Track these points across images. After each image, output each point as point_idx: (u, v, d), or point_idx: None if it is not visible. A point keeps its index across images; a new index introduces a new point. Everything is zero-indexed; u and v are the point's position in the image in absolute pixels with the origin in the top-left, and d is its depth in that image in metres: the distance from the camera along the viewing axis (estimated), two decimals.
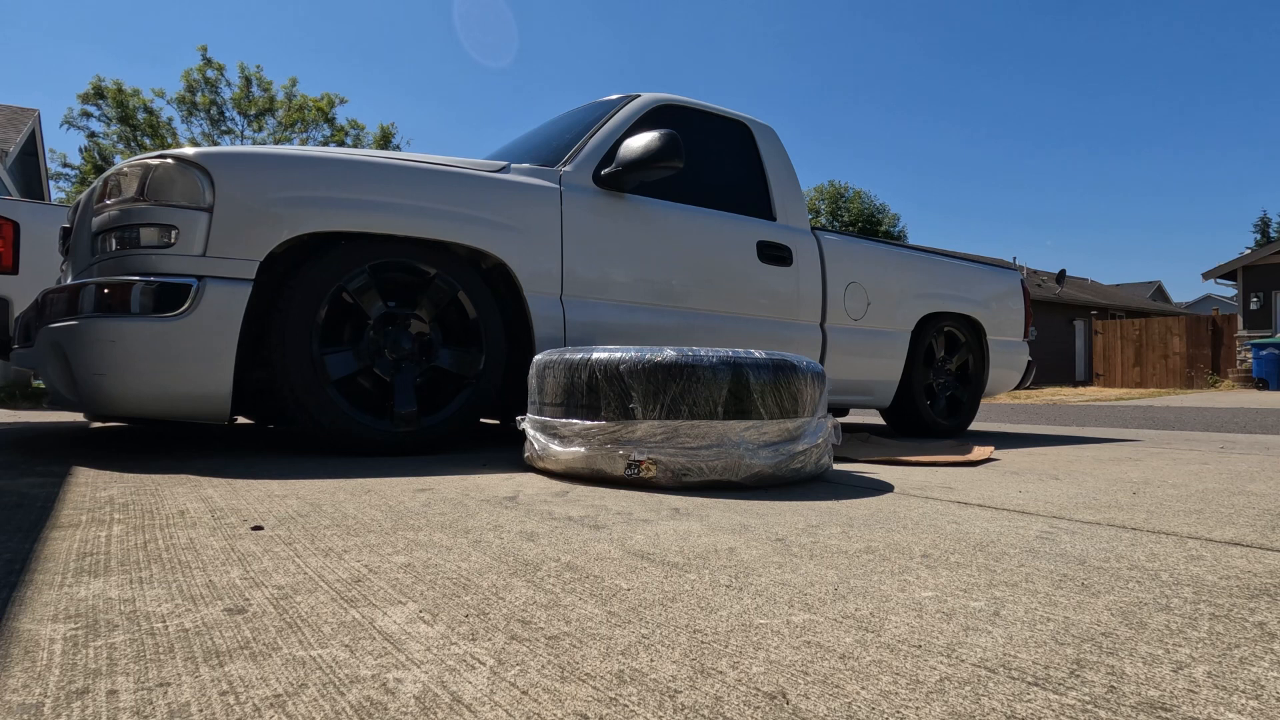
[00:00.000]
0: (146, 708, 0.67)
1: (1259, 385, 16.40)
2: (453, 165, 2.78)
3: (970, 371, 4.49)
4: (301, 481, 1.94)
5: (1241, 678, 0.77)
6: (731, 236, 3.37)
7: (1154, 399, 12.51)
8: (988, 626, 0.91)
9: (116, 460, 2.33)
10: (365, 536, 1.34)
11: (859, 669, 0.78)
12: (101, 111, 21.26)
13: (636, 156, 2.87)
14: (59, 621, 0.88)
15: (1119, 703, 0.71)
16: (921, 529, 1.49)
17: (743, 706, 0.69)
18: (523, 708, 0.69)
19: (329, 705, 0.68)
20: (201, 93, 22.27)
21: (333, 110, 23.28)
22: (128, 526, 1.38)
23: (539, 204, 2.86)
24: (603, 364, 2.04)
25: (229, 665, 0.76)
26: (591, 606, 0.97)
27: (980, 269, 4.71)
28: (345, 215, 2.46)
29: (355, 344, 2.54)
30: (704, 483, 1.95)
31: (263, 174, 2.38)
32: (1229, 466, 2.69)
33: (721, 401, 1.99)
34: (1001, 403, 11.03)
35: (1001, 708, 0.69)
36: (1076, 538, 1.42)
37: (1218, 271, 20.33)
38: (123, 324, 2.18)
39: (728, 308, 3.33)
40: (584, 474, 2.05)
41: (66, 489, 1.78)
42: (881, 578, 1.13)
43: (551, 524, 1.48)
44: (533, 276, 2.81)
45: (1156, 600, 1.03)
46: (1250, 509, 1.77)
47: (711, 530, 1.45)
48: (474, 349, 2.69)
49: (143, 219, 2.27)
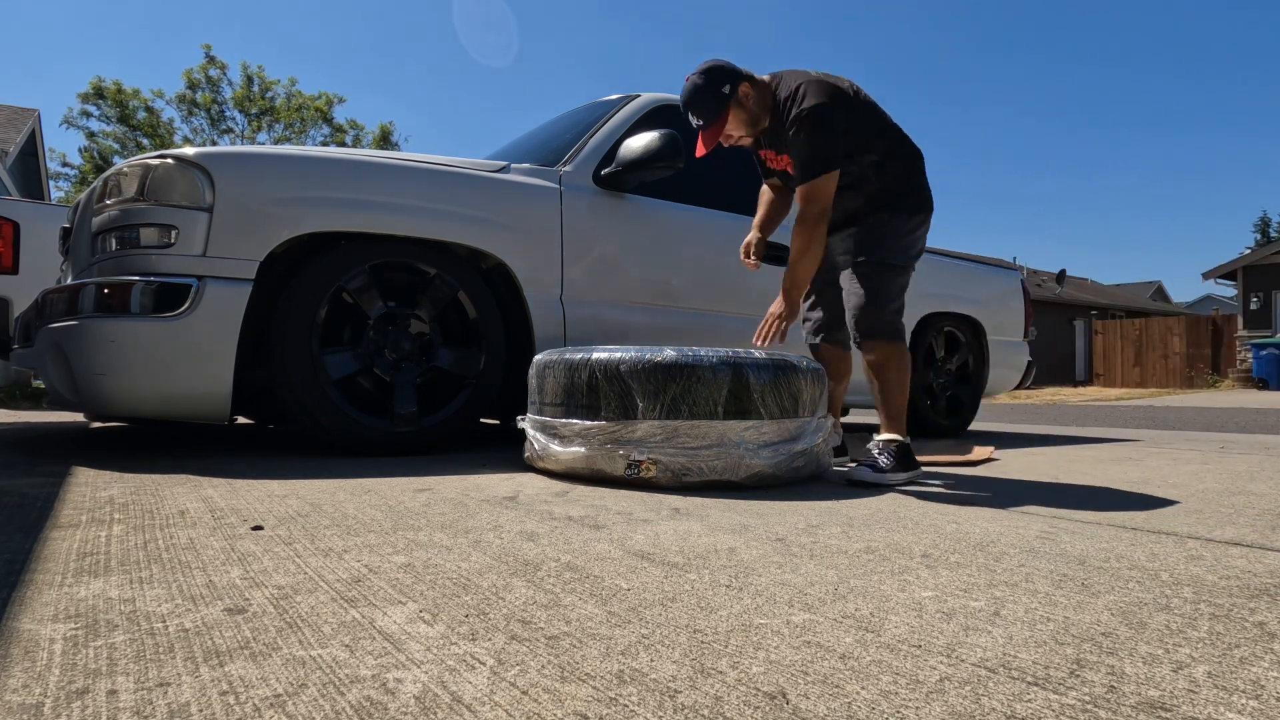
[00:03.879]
0: (146, 708, 0.67)
1: (1259, 385, 16.40)
2: (453, 165, 2.78)
3: (970, 371, 4.49)
4: (301, 481, 1.94)
5: (1241, 678, 0.77)
6: (731, 236, 3.36)
7: (1154, 399, 12.52)
8: (988, 626, 0.91)
9: (116, 460, 2.33)
10: (365, 536, 1.34)
11: (859, 669, 0.78)
12: (101, 111, 21.26)
13: (636, 156, 2.87)
14: (59, 621, 0.88)
15: (1119, 703, 0.71)
16: (921, 529, 1.49)
17: (743, 706, 0.69)
18: (523, 708, 0.69)
19: (329, 705, 0.68)
20: (203, 91, 22.25)
21: (331, 110, 23.26)
22: (128, 526, 1.38)
23: (539, 204, 2.86)
24: (603, 364, 2.04)
25: (229, 665, 0.76)
26: (591, 606, 0.97)
27: (980, 269, 4.71)
28: (345, 215, 2.46)
29: (355, 344, 2.54)
30: (704, 483, 1.95)
31: (263, 174, 2.38)
32: (1229, 466, 2.69)
33: (721, 401, 1.99)
34: (1001, 403, 11.03)
35: (1001, 708, 0.69)
36: (1076, 538, 1.42)
37: (1218, 271, 20.32)
38: (123, 324, 2.18)
39: (728, 308, 3.33)
40: (584, 474, 2.05)
41: (66, 489, 1.78)
42: (881, 578, 1.13)
43: (551, 524, 1.48)
44: (533, 276, 2.80)
45: (1156, 600, 1.03)
46: (1250, 509, 1.77)
47: (711, 530, 1.45)
48: (474, 349, 2.69)
49: (143, 219, 2.26)
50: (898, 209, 2.27)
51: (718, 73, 2.23)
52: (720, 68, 2.24)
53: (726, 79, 2.22)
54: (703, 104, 2.24)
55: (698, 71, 2.25)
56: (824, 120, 2.13)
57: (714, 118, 2.24)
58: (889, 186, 2.27)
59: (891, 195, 2.28)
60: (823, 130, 2.14)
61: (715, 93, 2.22)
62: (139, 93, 21.46)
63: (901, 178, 2.29)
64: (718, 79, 2.22)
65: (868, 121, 2.25)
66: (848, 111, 2.19)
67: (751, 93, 2.25)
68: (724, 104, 2.23)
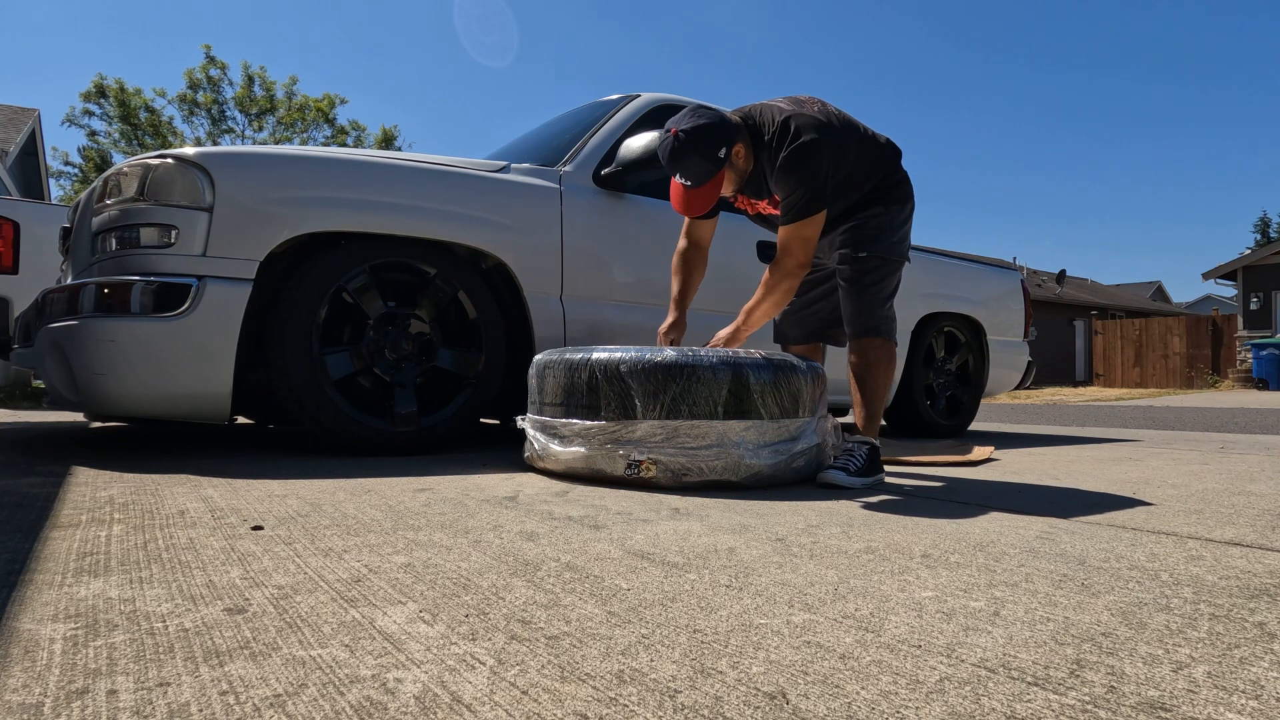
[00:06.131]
0: (146, 708, 0.67)
1: (1259, 385, 16.40)
2: (453, 165, 2.78)
3: (970, 371, 4.49)
4: (301, 481, 1.94)
5: (1241, 678, 0.77)
6: (731, 237, 3.36)
7: (1154, 399, 12.52)
8: (988, 626, 0.91)
9: (116, 460, 2.33)
10: (365, 536, 1.34)
11: (859, 669, 0.78)
12: (103, 110, 21.26)
13: (636, 156, 2.87)
14: (59, 621, 0.88)
15: (1119, 703, 0.71)
16: (921, 529, 1.49)
17: (743, 706, 0.69)
18: (523, 708, 0.69)
19: (329, 705, 0.68)
20: (204, 91, 22.24)
21: (333, 111, 23.26)
22: (128, 526, 1.38)
23: (539, 204, 2.86)
24: (603, 364, 2.04)
25: (229, 665, 0.76)
26: (591, 606, 0.97)
27: (980, 269, 4.71)
28: (345, 215, 2.46)
29: (355, 344, 2.54)
30: (704, 483, 1.95)
31: (263, 174, 2.38)
32: (1229, 466, 2.69)
33: (721, 401, 1.99)
34: (1001, 403, 11.03)
35: (1001, 708, 0.69)
36: (1076, 538, 1.42)
37: (1218, 272, 20.32)
38: (122, 324, 2.18)
39: (728, 308, 3.32)
40: (584, 474, 2.05)
41: (66, 489, 1.78)
42: (881, 578, 1.13)
43: (551, 524, 1.48)
44: (533, 276, 2.80)
45: (1156, 600, 1.03)
46: (1250, 509, 1.77)
47: (711, 530, 1.45)
48: (474, 349, 2.69)
49: (143, 219, 2.26)
50: (890, 201, 2.26)
51: (713, 135, 2.03)
52: (715, 128, 2.03)
53: (722, 142, 2.03)
54: (694, 168, 2.05)
55: (689, 130, 2.02)
56: (814, 156, 2.04)
57: (705, 180, 2.06)
58: (877, 184, 2.25)
59: (879, 190, 2.25)
60: (813, 167, 2.04)
61: (711, 158, 2.03)
62: (140, 92, 21.46)
63: (887, 173, 2.26)
64: (713, 142, 2.02)
65: (846, 140, 2.16)
66: (832, 141, 2.09)
67: (743, 150, 2.11)
68: (718, 169, 2.06)
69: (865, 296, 2.22)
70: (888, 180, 2.27)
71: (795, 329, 2.55)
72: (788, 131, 2.07)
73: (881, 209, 2.24)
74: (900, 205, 2.27)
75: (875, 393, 2.21)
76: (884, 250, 2.23)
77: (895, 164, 2.30)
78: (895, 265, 2.27)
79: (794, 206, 2.09)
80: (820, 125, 2.09)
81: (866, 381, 2.21)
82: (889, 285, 2.26)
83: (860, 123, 2.27)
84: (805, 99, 2.22)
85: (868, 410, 2.21)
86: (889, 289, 2.26)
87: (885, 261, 2.23)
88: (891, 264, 2.25)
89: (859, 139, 2.21)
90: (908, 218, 2.31)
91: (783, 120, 2.09)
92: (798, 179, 2.06)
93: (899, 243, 2.28)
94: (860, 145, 2.21)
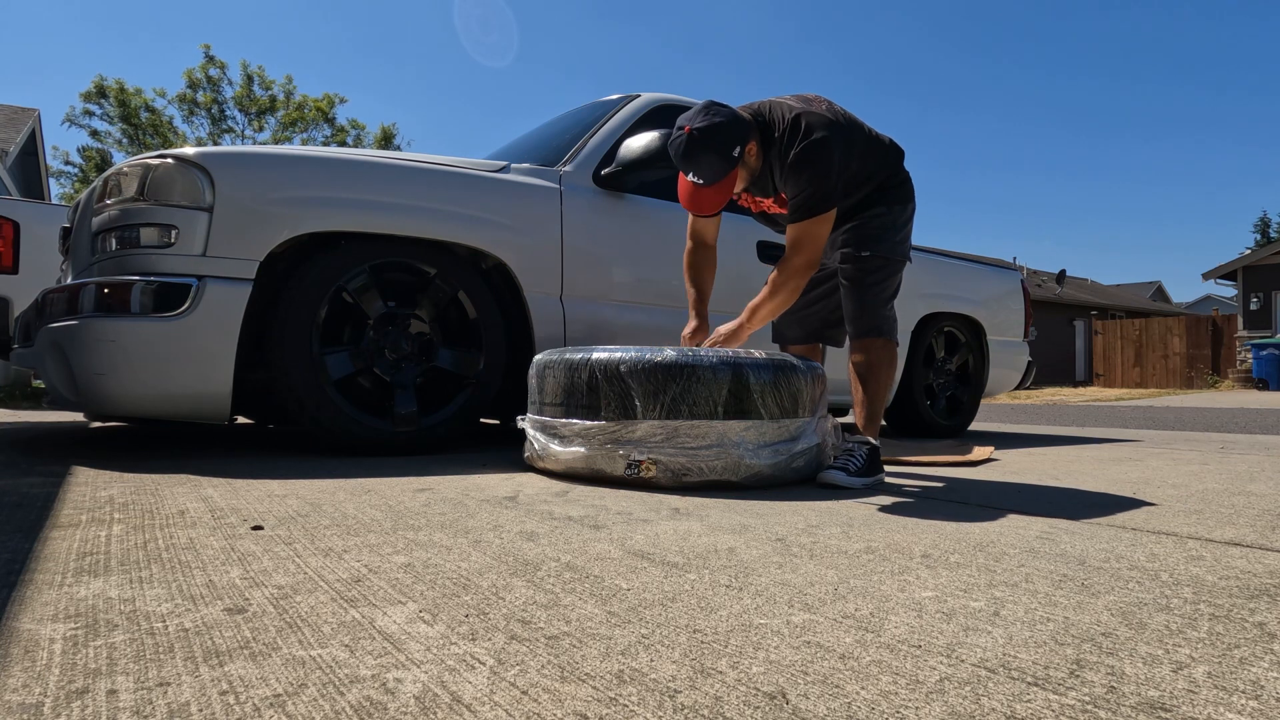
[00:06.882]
0: (146, 707, 0.67)
1: (1259, 385, 16.40)
2: (453, 165, 2.78)
3: (970, 371, 4.49)
4: (301, 481, 1.94)
5: (1241, 678, 0.77)
6: (731, 237, 3.37)
7: (1154, 399, 12.52)
8: (988, 626, 0.91)
9: (116, 460, 2.33)
10: (365, 536, 1.34)
11: (859, 669, 0.78)
12: (104, 110, 21.26)
13: (636, 156, 2.87)
14: (59, 621, 0.88)
15: (1119, 703, 0.71)
16: (921, 529, 1.49)
17: (743, 706, 0.69)
18: (522, 708, 0.69)
19: (329, 705, 0.68)
20: (204, 91, 22.25)
21: (333, 110, 23.26)
22: (128, 526, 1.38)
23: (539, 204, 2.86)
24: (603, 364, 2.04)
25: (229, 665, 0.76)
26: (591, 606, 0.97)
27: (980, 269, 4.71)
28: (345, 215, 2.46)
29: (355, 344, 2.54)
30: (704, 483, 1.95)
31: (263, 174, 2.38)
32: (1229, 467, 2.69)
33: (721, 401, 1.99)
34: (1001, 403, 11.03)
35: (1001, 708, 0.69)
36: (1076, 538, 1.42)
37: (1218, 272, 20.33)
38: (122, 324, 2.18)
39: (728, 308, 3.32)
40: (584, 474, 2.05)
41: (66, 489, 1.78)
42: (881, 578, 1.13)
43: (551, 524, 1.48)
44: (533, 276, 2.80)
45: (1156, 600, 1.03)
46: (1250, 509, 1.77)
47: (711, 530, 1.45)
48: (474, 349, 2.69)
49: (143, 219, 2.26)
50: (892, 201, 2.26)
51: (728, 133, 2.00)
52: (729, 126, 2.01)
53: (736, 140, 2.01)
54: (708, 166, 2.02)
55: (703, 128, 2.00)
56: (826, 153, 2.03)
57: (718, 179, 2.05)
58: (880, 184, 2.26)
59: (881, 190, 2.25)
60: (824, 164, 2.04)
61: (725, 156, 2.01)
62: (141, 92, 21.46)
63: (890, 173, 2.26)
64: (727, 140, 2.00)
65: (854, 137, 2.16)
66: (843, 139, 2.10)
67: (755, 148, 2.10)
68: (732, 167, 2.04)
69: (868, 296, 2.22)
70: (890, 180, 2.27)
71: (794, 329, 2.54)
72: (799, 129, 2.07)
73: (884, 209, 2.24)
74: (902, 205, 2.28)
75: (876, 393, 2.21)
76: (887, 250, 2.23)
77: (898, 164, 2.30)
78: (897, 265, 2.27)
79: (804, 204, 2.08)
80: (831, 123, 2.09)
81: (868, 381, 2.21)
82: (891, 285, 2.26)
83: (864, 123, 2.27)
84: (812, 97, 2.22)
85: (868, 410, 2.21)
86: (891, 289, 2.26)
87: (888, 261, 2.23)
88: (894, 264, 2.26)
89: (864, 138, 2.21)
90: (909, 218, 2.32)
91: (793, 118, 2.09)
92: (808, 177, 2.06)
93: (901, 243, 2.28)
94: (866, 145, 2.21)
